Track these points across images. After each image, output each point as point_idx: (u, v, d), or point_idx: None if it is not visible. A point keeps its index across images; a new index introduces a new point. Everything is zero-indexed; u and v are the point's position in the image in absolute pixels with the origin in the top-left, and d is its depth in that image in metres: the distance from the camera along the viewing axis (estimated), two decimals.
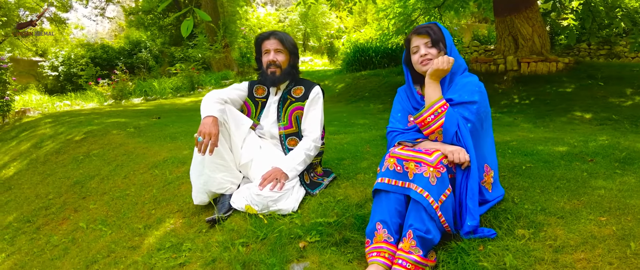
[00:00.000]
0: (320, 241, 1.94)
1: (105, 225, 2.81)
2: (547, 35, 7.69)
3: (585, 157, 2.77)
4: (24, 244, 3.17)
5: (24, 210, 3.76)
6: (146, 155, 3.89)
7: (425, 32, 1.98)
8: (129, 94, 11.16)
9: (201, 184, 2.37)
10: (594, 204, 1.88)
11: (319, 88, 2.54)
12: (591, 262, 1.45)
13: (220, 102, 2.33)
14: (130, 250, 2.38)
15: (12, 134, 7.50)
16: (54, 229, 3.18)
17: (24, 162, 5.40)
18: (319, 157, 2.60)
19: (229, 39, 14.55)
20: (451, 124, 1.83)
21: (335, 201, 2.26)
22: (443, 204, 1.72)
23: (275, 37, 2.41)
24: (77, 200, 3.47)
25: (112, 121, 6.37)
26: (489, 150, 2.02)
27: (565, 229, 1.66)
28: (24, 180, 4.66)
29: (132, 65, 14.50)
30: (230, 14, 15.98)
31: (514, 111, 5.55)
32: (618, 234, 1.58)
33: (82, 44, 15.88)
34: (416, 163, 1.77)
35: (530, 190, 2.12)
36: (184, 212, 2.57)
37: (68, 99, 10.59)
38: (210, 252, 2.02)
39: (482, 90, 1.96)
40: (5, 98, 8.54)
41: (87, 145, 4.99)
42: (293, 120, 2.48)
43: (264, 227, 2.05)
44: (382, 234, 1.76)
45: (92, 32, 33.29)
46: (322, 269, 1.78)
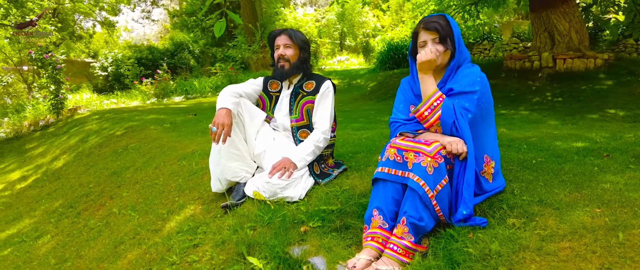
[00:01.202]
0: (321, 227, 2.05)
1: (134, 211, 3.04)
2: (586, 31, 7.39)
3: (603, 152, 2.72)
4: (66, 226, 3.47)
5: (68, 197, 4.09)
6: (177, 148, 4.13)
7: (433, 28, 1.97)
8: (171, 93, 11.66)
9: (218, 172, 2.53)
10: (593, 197, 1.88)
11: (330, 82, 2.64)
12: (575, 250, 1.47)
13: (235, 96, 2.47)
14: (153, 232, 2.58)
15: (64, 130, 8.08)
16: (92, 214, 3.47)
17: (72, 154, 5.83)
18: (329, 149, 2.70)
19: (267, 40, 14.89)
20: (448, 116, 1.88)
21: (341, 190, 2.36)
22: (438, 193, 1.78)
23: (285, 34, 2.54)
24: (113, 188, 3.75)
25: (151, 117, 6.74)
26: (490, 141, 2.05)
27: (557, 220, 1.68)
28: (71, 171, 5.05)
29: (174, 65, 15.11)
30: (268, 15, 16.32)
31: (544, 108, 5.41)
32: (609, 225, 1.59)
33: (130, 46, 16.73)
34: (415, 153, 1.83)
35: (533, 183, 2.13)
36: (204, 199, 2.74)
37: (114, 97, 11.22)
38: (221, 235, 2.18)
39: (484, 80, 1.99)
40: (59, 96, 9.19)
41: (127, 139, 5.33)
42: (304, 113, 2.59)
43: (271, 212, 2.18)
44: (378, 220, 1.84)
45: (141, 34, 34.88)
46: (320, 252, 1.89)
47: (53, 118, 9.32)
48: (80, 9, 18.34)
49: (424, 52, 1.94)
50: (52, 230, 3.53)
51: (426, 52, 1.93)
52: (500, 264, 1.46)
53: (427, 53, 1.93)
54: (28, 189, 5.08)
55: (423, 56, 1.94)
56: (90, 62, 15.95)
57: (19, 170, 6.31)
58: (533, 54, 7.37)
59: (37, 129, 9.09)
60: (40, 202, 4.39)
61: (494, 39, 13.85)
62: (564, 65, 6.85)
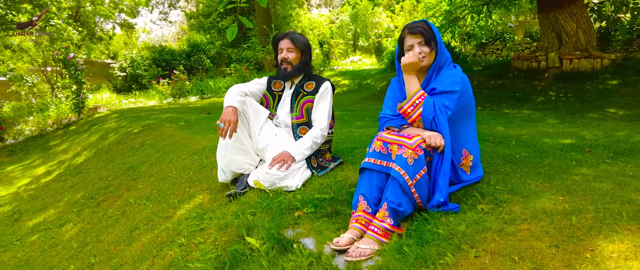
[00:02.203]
0: (314, 212, 2.26)
1: (148, 201, 3.30)
2: (594, 31, 7.43)
3: (587, 148, 2.87)
4: (87, 215, 3.76)
5: (88, 190, 4.39)
6: (189, 144, 4.39)
7: (418, 31, 2.17)
8: (187, 93, 12.01)
9: (224, 164, 2.77)
10: (561, 187, 2.05)
11: (329, 83, 2.85)
12: (531, 231, 1.65)
13: (240, 95, 2.70)
14: (165, 219, 2.83)
15: (85, 128, 8.46)
16: (110, 204, 3.74)
17: (92, 151, 6.17)
18: (327, 144, 2.91)
19: None
20: (428, 112, 2.07)
21: (335, 181, 2.57)
22: (417, 182, 1.98)
23: (288, 38, 2.76)
24: (129, 181, 4.03)
25: (167, 116, 7.06)
26: (469, 136, 2.23)
27: (522, 206, 1.86)
28: (91, 166, 5.37)
29: (191, 66, 15.49)
30: (282, 17, 16.60)
31: (547, 108, 5.52)
32: (567, 210, 1.76)
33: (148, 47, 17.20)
34: (398, 146, 2.03)
35: (510, 175, 2.31)
36: (212, 189, 2.99)
37: (132, 97, 11.62)
38: (225, 220, 2.41)
39: (464, 81, 2.17)
40: (81, 96, 9.60)
41: (143, 136, 5.63)
42: (304, 112, 2.81)
43: (269, 199, 2.41)
44: (363, 205, 2.05)
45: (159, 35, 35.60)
46: (311, 234, 2.10)
47: (75, 117, 9.74)
48: (101, 12, 18.92)
49: (407, 55, 2.14)
50: (75, 218, 3.82)
51: (409, 55, 2.13)
52: (463, 242, 1.65)
53: (410, 56, 2.13)
54: (52, 183, 5.42)
55: (406, 59, 2.14)
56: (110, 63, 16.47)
57: (43, 165, 6.69)
58: (540, 54, 7.45)
59: (60, 127, 9.52)
60: (63, 194, 4.70)
61: (506, 39, 13.87)
62: (571, 66, 6.92)
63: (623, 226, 1.58)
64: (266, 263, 1.97)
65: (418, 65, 2.14)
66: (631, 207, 1.74)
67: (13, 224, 4.28)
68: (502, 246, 1.59)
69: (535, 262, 1.47)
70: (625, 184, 2.05)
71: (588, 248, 1.49)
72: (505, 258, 1.52)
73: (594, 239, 1.53)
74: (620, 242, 1.49)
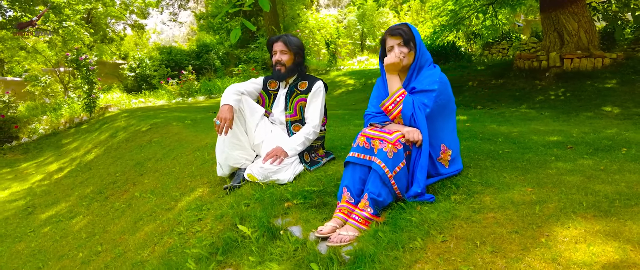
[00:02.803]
0: (303, 203, 2.42)
1: (152, 194, 3.49)
2: (595, 31, 7.48)
3: (569, 145, 2.98)
4: (95, 208, 3.96)
5: (98, 185, 4.60)
6: (193, 142, 4.58)
7: (397, 33, 2.34)
8: (195, 92, 12.25)
9: (222, 159, 2.93)
10: (533, 180, 2.18)
11: (321, 83, 3.00)
12: (496, 219, 1.79)
13: (237, 94, 2.87)
14: (167, 210, 3.01)
15: (96, 126, 8.72)
16: (117, 197, 3.94)
17: (102, 148, 6.40)
18: (320, 140, 3.06)
19: None
20: (408, 109, 2.22)
21: (326, 175, 2.72)
22: (397, 174, 2.12)
23: (281, 40, 2.92)
24: (136, 176, 4.22)
25: (174, 115, 7.27)
26: (448, 132, 2.36)
27: (492, 197, 2.00)
28: (100, 163, 5.59)
29: (200, 66, 15.74)
30: (290, 17, 16.77)
31: (545, 107, 5.61)
32: (533, 200, 1.89)
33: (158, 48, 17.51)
34: (380, 141, 2.18)
35: (488, 169, 2.44)
36: (211, 183, 3.16)
37: (142, 96, 11.89)
38: (221, 210, 2.58)
39: (443, 80, 2.31)
40: (92, 96, 9.88)
41: (151, 134, 5.84)
42: (297, 110, 2.96)
43: (262, 191, 2.57)
44: (346, 196, 2.20)
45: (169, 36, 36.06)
46: (299, 223, 2.26)
47: (86, 116, 10.02)
48: (112, 13, 19.30)
49: (389, 56, 2.29)
50: (84, 211, 4.02)
51: (391, 56, 2.28)
52: (433, 229, 1.79)
53: (392, 57, 2.27)
54: (64, 179, 5.65)
55: (388, 59, 2.28)
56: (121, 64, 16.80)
57: (56, 162, 6.94)
58: (541, 53, 7.51)
59: (72, 126, 9.80)
60: (74, 189, 4.92)
61: (512, 38, 13.88)
62: (571, 65, 6.98)
63: (580, 214, 1.71)
64: (255, 248, 2.13)
65: (399, 66, 2.28)
66: (593, 198, 1.86)
67: (27, 217, 4.51)
68: (467, 232, 1.73)
69: (495, 246, 1.61)
70: (595, 177, 2.17)
71: (544, 233, 1.62)
72: (469, 242, 1.66)
73: (551, 226, 1.66)
74: (574, 228, 1.62)
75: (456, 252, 1.63)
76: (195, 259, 2.19)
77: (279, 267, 1.98)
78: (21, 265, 3.31)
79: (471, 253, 1.59)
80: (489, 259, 1.55)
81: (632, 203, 1.78)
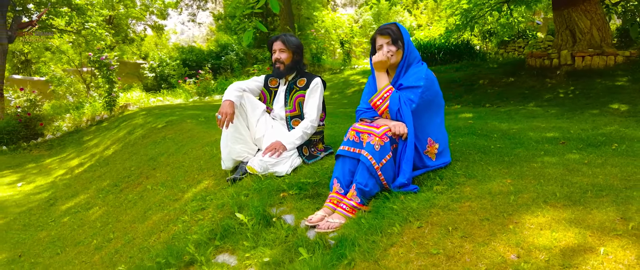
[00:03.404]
0: (298, 194, 2.56)
1: (163, 187, 3.68)
2: (609, 29, 7.40)
3: (562, 141, 3.04)
4: (110, 200, 4.18)
5: (114, 178, 4.84)
6: (204, 137, 4.77)
7: (386, 33, 2.46)
8: (212, 91, 12.53)
9: (226, 153, 3.10)
10: (516, 172, 2.27)
11: (319, 80, 3.13)
12: (472, 207, 1.89)
13: (238, 90, 3.03)
14: (174, 201, 3.19)
15: (115, 124, 9.05)
16: (131, 190, 4.16)
17: (120, 145, 6.67)
18: (319, 135, 3.20)
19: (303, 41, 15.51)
20: (394, 104, 2.34)
21: (322, 168, 2.86)
22: (383, 166, 2.24)
23: (280, 40, 3.07)
24: (149, 170, 4.44)
25: (189, 113, 7.50)
26: (435, 127, 2.47)
27: (472, 188, 2.10)
28: (117, 158, 5.85)
29: (219, 66, 16.04)
30: (305, 17, 16.94)
31: (552, 104, 5.61)
32: (510, 191, 1.99)
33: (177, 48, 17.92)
34: (368, 134, 2.30)
35: (476, 162, 2.54)
36: (216, 175, 3.33)
37: (160, 95, 12.23)
38: (222, 200, 2.74)
39: (429, 77, 2.42)
40: (112, 95, 10.23)
41: (165, 131, 6.07)
42: (296, 105, 3.11)
43: (260, 182, 2.72)
44: (336, 187, 2.33)
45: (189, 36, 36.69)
46: (293, 212, 2.40)
47: (107, 114, 10.38)
48: (133, 14, 19.82)
49: (377, 54, 2.41)
50: (100, 203, 4.25)
51: (379, 55, 2.40)
52: (411, 216, 1.91)
53: (379, 55, 2.40)
54: (84, 173, 5.93)
55: (376, 57, 2.41)
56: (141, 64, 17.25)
57: (77, 158, 7.26)
58: (552, 51, 7.48)
59: (93, 124, 10.17)
60: (92, 182, 5.18)
61: (529, 36, 13.73)
62: (583, 63, 6.94)
63: (550, 203, 1.81)
64: (250, 235, 2.28)
65: (387, 64, 2.40)
66: (567, 189, 1.95)
67: (49, 208, 4.78)
68: (442, 219, 1.84)
69: (465, 232, 1.72)
70: (576, 170, 2.25)
71: (513, 221, 1.72)
72: (442, 228, 1.77)
73: (521, 214, 1.76)
74: (542, 216, 1.71)
75: (429, 237, 1.74)
76: (195, 244, 2.35)
77: (270, 251, 2.13)
78: (42, 251, 3.54)
79: (442, 238, 1.71)
80: (458, 243, 1.66)
81: (603, 194, 1.86)
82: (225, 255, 2.27)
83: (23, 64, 19.24)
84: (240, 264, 2.14)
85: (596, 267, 1.38)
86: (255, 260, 2.11)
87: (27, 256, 3.56)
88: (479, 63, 10.41)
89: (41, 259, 3.43)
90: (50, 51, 14.48)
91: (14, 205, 5.21)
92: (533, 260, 1.47)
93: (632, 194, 1.81)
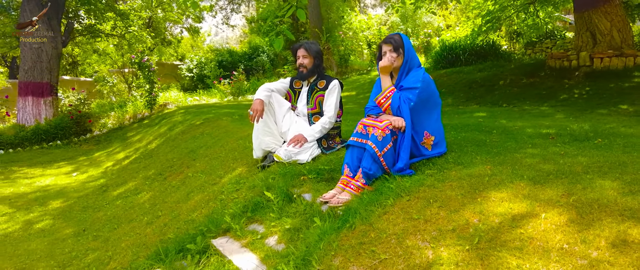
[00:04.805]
0: (316, 178, 3.05)
1: (202, 174, 4.26)
2: (629, 30, 7.52)
3: (552, 136, 3.40)
4: (156, 186, 4.80)
5: (158, 168, 5.48)
6: (238, 132, 5.34)
7: (389, 41, 2.93)
8: (245, 91, 13.23)
9: (257, 144, 3.63)
10: (498, 161, 2.68)
11: (337, 81, 3.62)
12: (452, 186, 2.33)
13: (267, 90, 3.55)
14: (213, 185, 3.75)
15: (156, 121, 9.81)
16: (174, 178, 4.76)
17: (162, 139, 7.35)
18: (336, 130, 3.68)
19: (331, 43, 16.02)
20: (395, 103, 2.79)
21: (338, 158, 3.34)
22: (385, 154, 2.70)
23: (303, 47, 3.57)
24: (189, 161, 5.04)
25: (224, 111, 8.13)
26: (432, 122, 2.90)
27: (457, 172, 2.53)
28: (160, 151, 6.52)
29: (252, 67, 16.78)
30: (334, 20, 17.44)
31: (566, 105, 5.87)
32: (487, 174, 2.41)
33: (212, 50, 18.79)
34: (373, 127, 2.77)
35: (468, 153, 2.95)
36: (249, 163, 3.87)
37: (197, 95, 13.01)
38: (254, 182, 3.27)
39: (425, 80, 2.86)
40: (152, 94, 11.05)
41: (203, 127, 6.69)
42: (317, 104, 3.60)
43: (285, 168, 3.23)
44: (346, 171, 2.81)
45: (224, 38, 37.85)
46: (311, 191, 2.90)
47: (147, 112, 11.20)
48: (170, 18, 20.88)
49: (382, 60, 2.87)
50: (147, 189, 4.88)
51: (384, 60, 2.87)
52: (403, 192, 2.36)
53: (384, 61, 2.86)
54: (130, 164, 6.63)
55: (382, 62, 2.87)
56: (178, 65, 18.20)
57: (123, 151, 8.01)
58: (571, 53, 7.67)
59: (135, 121, 11.01)
60: (139, 172, 5.84)
61: (557, 37, 13.71)
62: (601, 64, 7.12)
63: (515, 183, 2.22)
64: (276, 208, 2.79)
65: (390, 68, 2.87)
66: (534, 173, 2.36)
67: (103, 193, 5.46)
68: (427, 194, 2.29)
69: (442, 203, 2.16)
70: (550, 160, 2.64)
71: (482, 195, 2.15)
72: (425, 201, 2.22)
73: (490, 191, 2.19)
74: (505, 192, 2.14)
75: (414, 207, 2.20)
76: (231, 216, 2.89)
77: (292, 221, 2.63)
78: (101, 227, 4.18)
79: (424, 208, 2.16)
80: (435, 212, 2.11)
81: (563, 177, 2.26)
82: (255, 224, 2.79)
83: (70, 66, 20.61)
84: (267, 231, 2.66)
85: (535, 226, 1.81)
86: (279, 227, 2.62)
87: (89, 231, 4.20)
88: (503, 64, 10.59)
89: (101, 233, 4.06)
90: (97, 53, 15.56)
91: (72, 191, 5.94)
92: (489, 222, 1.91)
93: (584, 177, 2.20)
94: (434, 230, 1.96)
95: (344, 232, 2.20)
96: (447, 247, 1.83)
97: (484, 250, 1.75)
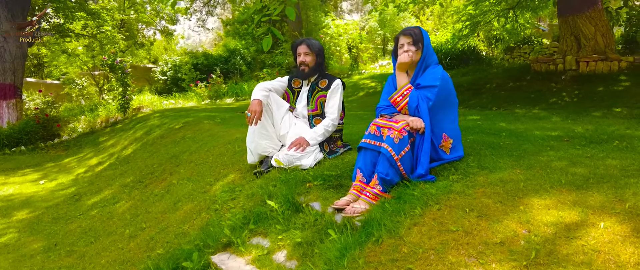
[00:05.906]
0: (322, 184, 2.78)
1: (189, 181, 3.91)
2: (613, 35, 7.61)
3: (567, 138, 3.25)
4: (136, 195, 4.41)
5: (137, 175, 5.07)
6: (224, 136, 5.00)
7: (409, 33, 2.69)
8: (223, 95, 12.81)
9: (252, 148, 3.33)
10: (524, 164, 2.48)
11: (340, 81, 3.36)
12: (485, 193, 2.10)
13: (265, 90, 3.26)
14: (203, 193, 3.42)
15: (130, 125, 9.30)
16: (156, 185, 4.38)
17: (138, 144, 6.91)
18: (338, 133, 3.42)
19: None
20: (412, 102, 2.56)
21: (343, 162, 3.08)
22: (402, 157, 2.46)
23: (305, 43, 3.30)
24: (172, 167, 4.67)
25: (204, 114, 7.75)
26: (449, 123, 2.68)
27: (485, 177, 2.31)
28: (138, 156, 6.09)
29: (227, 70, 16.32)
30: (313, 23, 17.22)
31: (556, 107, 5.81)
32: (520, 179, 2.20)
33: (186, 52, 18.23)
34: (388, 129, 2.53)
35: (487, 156, 2.75)
36: (242, 170, 3.55)
37: (173, 98, 12.50)
38: (252, 190, 2.96)
39: (444, 77, 2.64)
40: (126, 97, 10.51)
41: (183, 131, 6.31)
42: (318, 105, 3.33)
43: (287, 174, 2.95)
44: (359, 176, 2.55)
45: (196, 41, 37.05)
46: (319, 199, 2.62)
47: (120, 116, 10.64)
48: (143, 19, 20.19)
49: (402, 56, 2.64)
50: (126, 197, 4.48)
51: (404, 56, 2.63)
52: (431, 200, 2.12)
53: (404, 57, 2.63)
54: (105, 171, 6.17)
55: (401, 58, 2.64)
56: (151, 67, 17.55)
57: (96, 157, 7.51)
58: (557, 57, 7.68)
59: (108, 125, 10.44)
60: (115, 179, 5.41)
61: (534, 43, 13.93)
62: (587, 68, 7.14)
63: (556, 189, 2.02)
64: (282, 219, 2.50)
65: (407, 65, 2.63)
66: (570, 177, 2.16)
67: (75, 202, 5.01)
68: (459, 203, 2.06)
69: (481, 212, 1.93)
70: (579, 163, 2.46)
71: (523, 203, 1.94)
72: (460, 210, 1.99)
73: (530, 197, 1.97)
74: (548, 199, 1.93)
75: (448, 217, 1.96)
76: (230, 228, 2.58)
77: (301, 234, 2.35)
78: (75, 241, 3.77)
79: (460, 218, 1.92)
80: (475, 222, 1.87)
81: (604, 181, 2.07)
82: (258, 238, 2.49)
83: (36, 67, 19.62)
84: (274, 245, 2.36)
85: (597, 237, 1.59)
86: (288, 241, 2.33)
87: (62, 245, 3.78)
88: (485, 68, 10.62)
89: (76, 247, 3.65)
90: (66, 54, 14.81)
91: (40, 200, 5.45)
92: (541, 233, 1.68)
93: (629, 181, 2.02)
94: (479, 243, 1.72)
95: (369, 246, 1.93)
96: (500, 264, 1.60)
97: (545, 266, 1.53)
